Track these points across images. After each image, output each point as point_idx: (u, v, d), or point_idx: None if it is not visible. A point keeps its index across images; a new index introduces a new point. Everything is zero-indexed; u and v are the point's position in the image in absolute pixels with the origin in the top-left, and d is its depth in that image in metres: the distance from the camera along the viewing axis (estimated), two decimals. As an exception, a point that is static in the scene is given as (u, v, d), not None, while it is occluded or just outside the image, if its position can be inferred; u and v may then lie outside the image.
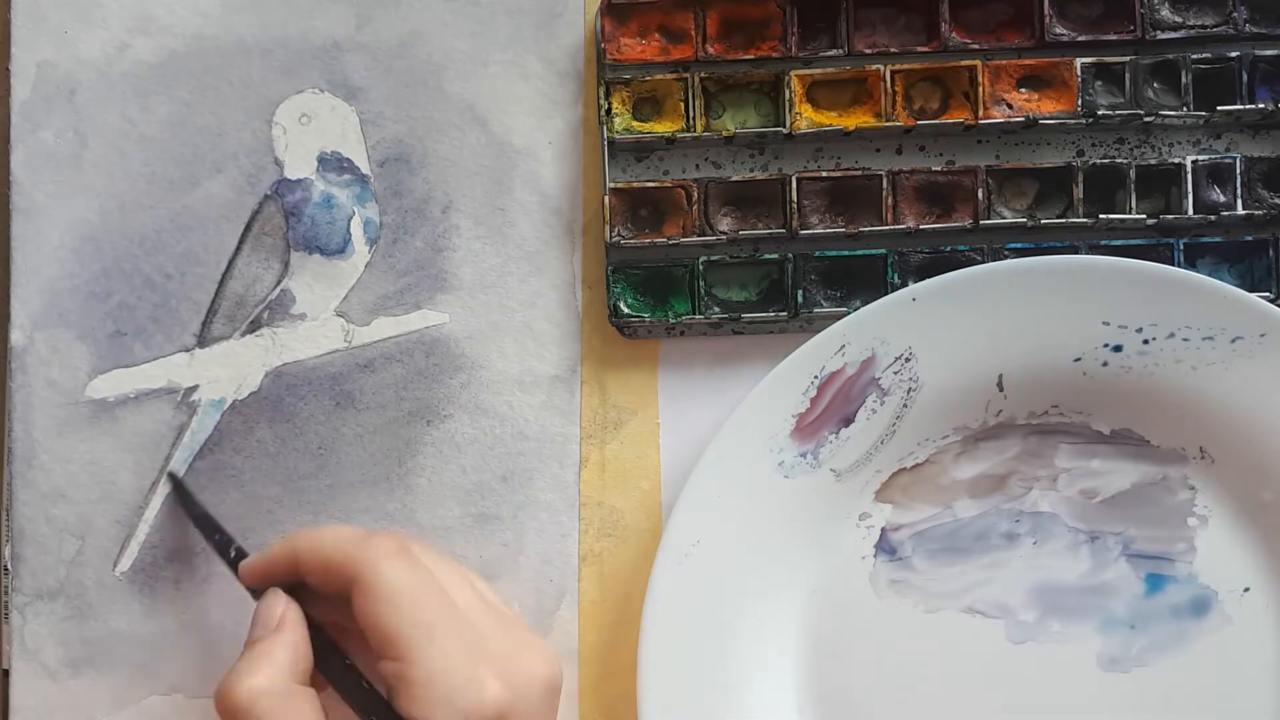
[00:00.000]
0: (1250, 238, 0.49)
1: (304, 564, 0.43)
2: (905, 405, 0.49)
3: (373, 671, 0.42)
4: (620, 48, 0.50)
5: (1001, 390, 0.49)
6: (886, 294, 0.48)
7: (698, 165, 0.51)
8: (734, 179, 0.50)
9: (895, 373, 0.48)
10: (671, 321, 0.50)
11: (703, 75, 0.50)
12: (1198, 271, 0.48)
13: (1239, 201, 0.49)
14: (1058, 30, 0.50)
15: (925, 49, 0.50)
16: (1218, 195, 0.50)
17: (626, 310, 0.50)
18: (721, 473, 0.48)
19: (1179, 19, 0.50)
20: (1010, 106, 0.50)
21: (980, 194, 0.49)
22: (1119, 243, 0.49)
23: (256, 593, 0.45)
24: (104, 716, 0.50)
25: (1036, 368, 0.48)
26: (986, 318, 0.48)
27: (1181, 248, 0.49)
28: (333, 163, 0.50)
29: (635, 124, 0.50)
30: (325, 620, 0.44)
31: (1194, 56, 0.49)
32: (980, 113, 0.49)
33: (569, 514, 0.50)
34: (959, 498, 0.50)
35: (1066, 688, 0.49)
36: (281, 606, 0.43)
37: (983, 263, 0.48)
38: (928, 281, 0.47)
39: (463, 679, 0.40)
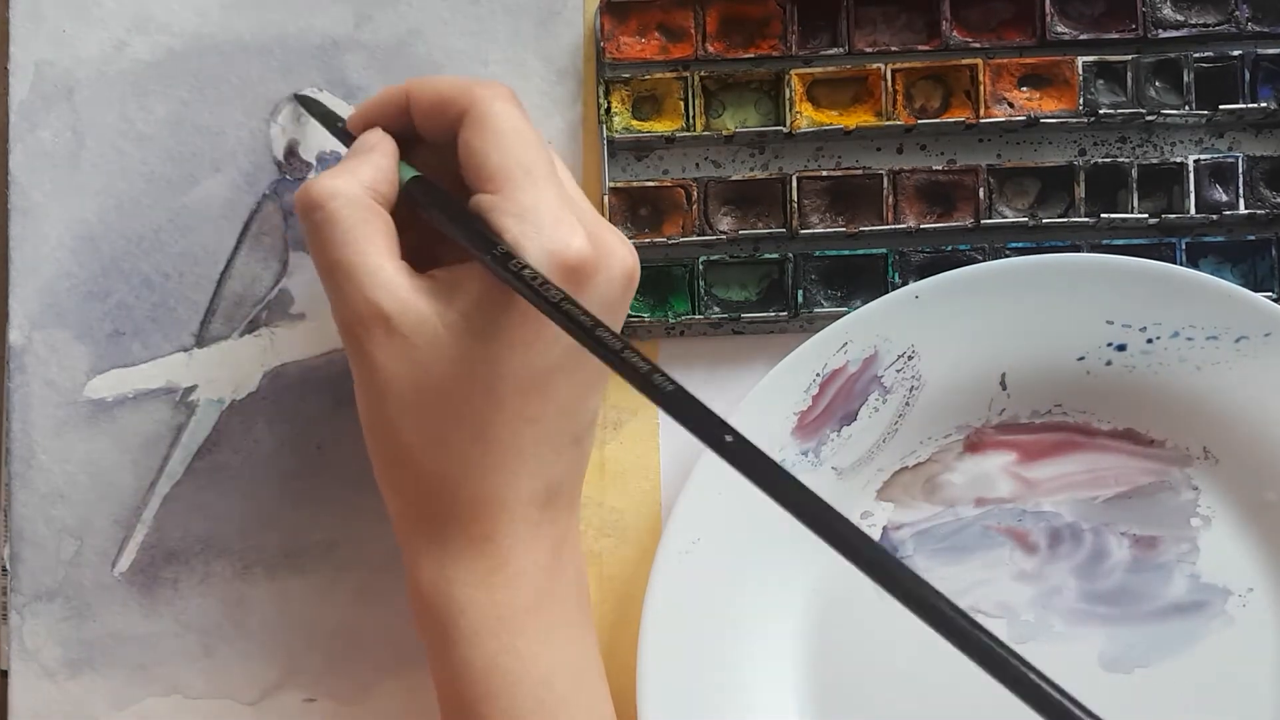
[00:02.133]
0: (1253, 237, 0.49)
1: (416, 97, 0.43)
2: (907, 404, 0.48)
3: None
4: (619, 46, 0.50)
5: (1004, 389, 0.49)
6: (887, 294, 0.48)
7: (697, 164, 0.51)
8: (734, 178, 0.50)
9: (898, 371, 0.48)
10: (671, 321, 0.49)
11: (702, 74, 0.50)
12: (1200, 271, 0.48)
13: (1241, 201, 0.49)
14: (1059, 29, 0.50)
15: (926, 47, 0.50)
16: (1220, 194, 0.50)
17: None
18: (723, 469, 0.48)
19: (1181, 17, 0.50)
20: (1012, 105, 0.50)
21: (981, 193, 0.49)
22: (1121, 242, 0.49)
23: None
24: (103, 717, 0.50)
25: (1040, 366, 0.48)
26: (990, 316, 0.48)
27: (1184, 247, 0.49)
28: (332, 162, 0.50)
29: (635, 123, 0.50)
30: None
31: (1196, 55, 0.49)
32: (981, 111, 0.49)
33: (569, 514, 0.50)
34: (961, 497, 0.49)
35: (1068, 687, 0.49)
36: (377, 137, 0.43)
37: (984, 262, 0.48)
38: (931, 279, 0.47)
39: (553, 219, 0.40)
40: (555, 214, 0.40)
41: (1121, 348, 0.48)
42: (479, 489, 0.41)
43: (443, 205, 0.42)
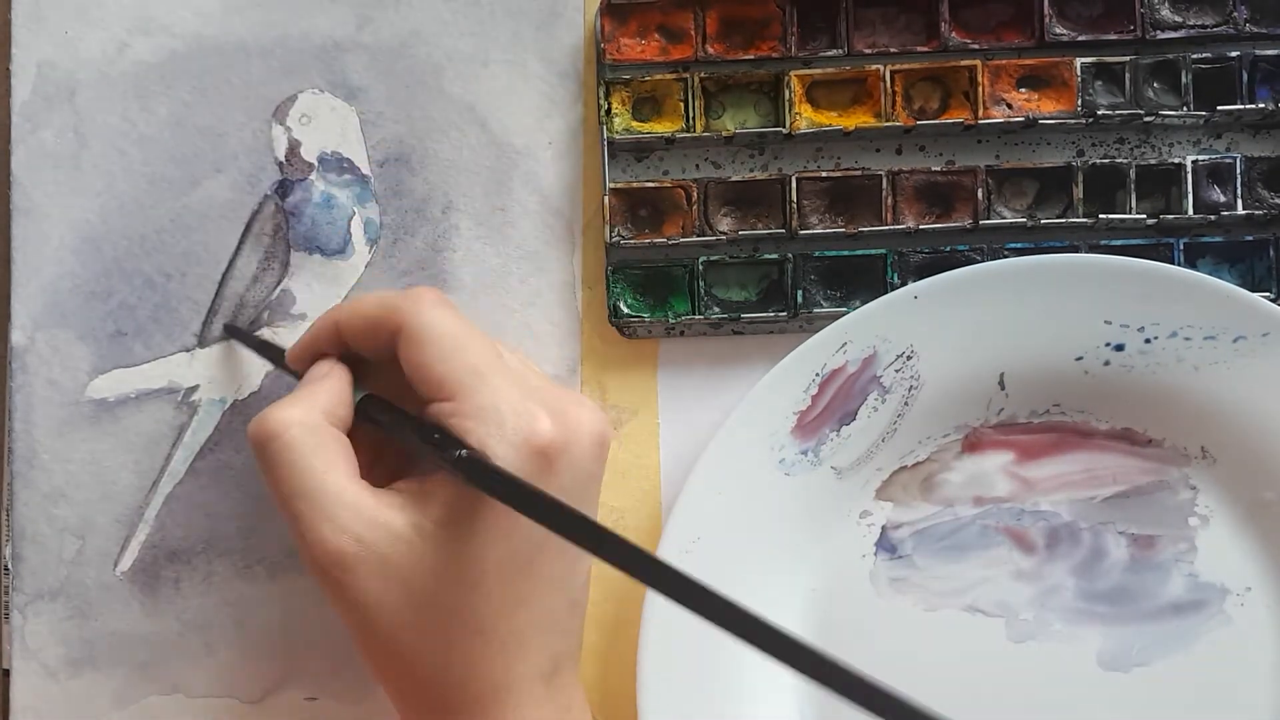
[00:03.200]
0: (1251, 238, 0.49)
1: (346, 328, 0.43)
2: (906, 403, 0.49)
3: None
4: (620, 48, 0.50)
5: (1003, 389, 0.49)
6: (886, 294, 0.48)
7: (697, 165, 0.51)
8: (734, 179, 0.50)
9: (897, 371, 0.48)
10: (671, 321, 0.50)
11: (702, 75, 0.50)
12: (1198, 271, 0.48)
13: (1239, 201, 0.49)
14: (1057, 30, 0.50)
15: (925, 49, 0.50)
16: (1218, 195, 0.50)
17: (626, 310, 0.50)
18: (723, 469, 0.48)
19: (1179, 19, 0.50)
20: (1010, 106, 0.50)
21: (980, 194, 0.49)
22: (1119, 243, 0.49)
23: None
24: (104, 716, 0.50)
25: (1038, 366, 0.48)
26: (989, 316, 0.48)
27: (1182, 248, 0.49)
28: (333, 163, 0.50)
29: (635, 124, 0.50)
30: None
31: (1194, 56, 0.49)
32: (980, 112, 0.49)
33: (569, 514, 0.50)
34: (960, 496, 0.50)
35: (1067, 687, 0.49)
36: (327, 366, 0.43)
37: (983, 262, 0.48)
38: (930, 279, 0.47)
39: (513, 410, 0.39)
40: (514, 405, 0.40)
41: (1119, 348, 0.48)
42: (483, 678, 0.41)
43: (400, 419, 0.41)
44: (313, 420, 0.41)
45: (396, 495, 0.41)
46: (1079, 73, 0.49)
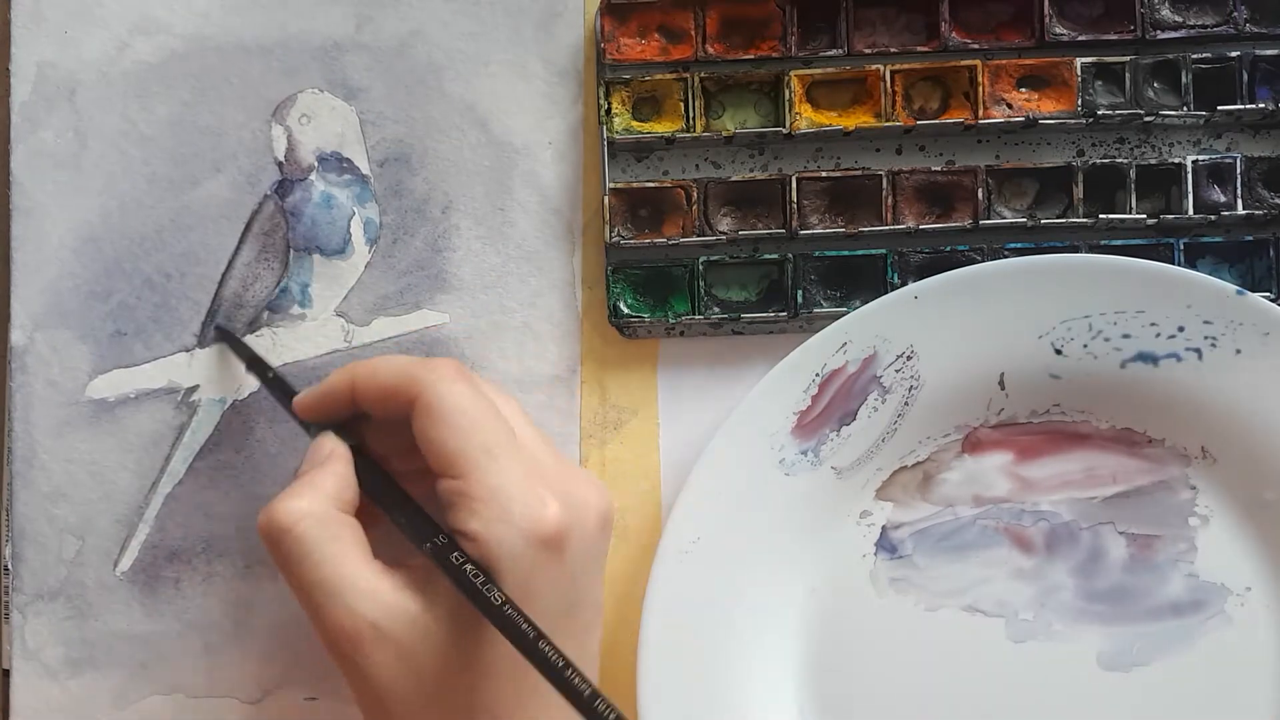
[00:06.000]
0: (1250, 238, 0.49)
1: (361, 391, 0.43)
2: (906, 403, 0.49)
3: (430, 497, 0.42)
4: (620, 47, 0.50)
5: (1003, 389, 0.49)
6: (886, 294, 0.48)
7: (697, 165, 0.51)
8: (734, 179, 0.50)
9: (897, 371, 0.48)
10: (671, 321, 0.50)
11: (702, 75, 0.50)
12: (1198, 271, 0.48)
13: (1239, 201, 0.49)
14: (1058, 30, 0.50)
15: (925, 49, 0.50)
16: (1218, 195, 0.50)
17: (626, 310, 0.50)
18: (723, 469, 0.48)
19: (1179, 19, 0.50)
20: (1010, 106, 0.50)
21: (980, 194, 0.49)
22: (1119, 243, 0.49)
23: (310, 429, 0.45)
24: (104, 716, 0.50)
25: (1038, 366, 0.48)
26: (989, 316, 0.48)
27: (1182, 248, 0.49)
28: (332, 163, 0.50)
29: (635, 124, 0.50)
30: (381, 453, 0.44)
31: (1194, 56, 0.49)
32: (980, 112, 0.49)
33: (569, 514, 0.50)
34: (960, 496, 0.50)
35: (1066, 687, 0.49)
36: (330, 445, 0.43)
37: (983, 262, 0.48)
38: (930, 279, 0.47)
39: (522, 496, 0.40)
40: (523, 490, 0.40)
41: (1119, 348, 0.48)
42: None
43: (382, 490, 0.42)
44: (321, 510, 0.41)
45: (409, 574, 0.41)
46: (1079, 73, 0.49)
